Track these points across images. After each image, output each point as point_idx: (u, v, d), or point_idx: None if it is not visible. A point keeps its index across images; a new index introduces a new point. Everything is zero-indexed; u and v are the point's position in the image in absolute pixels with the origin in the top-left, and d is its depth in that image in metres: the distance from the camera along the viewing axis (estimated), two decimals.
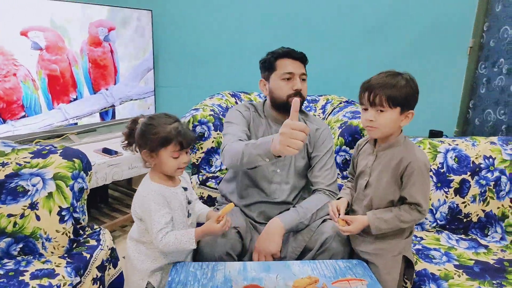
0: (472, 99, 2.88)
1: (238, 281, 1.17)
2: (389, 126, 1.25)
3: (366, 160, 1.36)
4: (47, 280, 1.24)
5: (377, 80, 1.23)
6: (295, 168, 1.57)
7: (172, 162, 1.21)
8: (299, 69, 1.54)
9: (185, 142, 1.20)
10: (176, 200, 1.26)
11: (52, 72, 2.26)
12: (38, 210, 1.35)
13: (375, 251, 1.33)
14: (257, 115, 1.63)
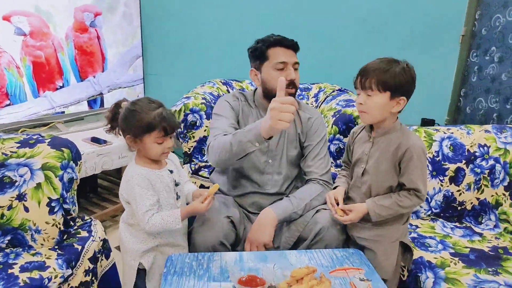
0: (464, 88, 2.89)
1: (235, 272, 1.14)
2: (378, 110, 1.24)
3: (363, 148, 1.34)
4: (38, 273, 1.20)
5: (372, 65, 1.24)
6: (287, 158, 1.55)
7: (156, 148, 1.21)
8: (292, 57, 1.49)
9: (169, 128, 1.20)
10: (161, 183, 1.25)
11: (37, 58, 2.18)
12: (27, 201, 1.30)
13: (374, 237, 1.32)
14: (247, 104, 1.59)
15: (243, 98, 1.61)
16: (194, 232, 1.36)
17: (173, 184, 1.30)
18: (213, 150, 1.39)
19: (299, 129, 1.55)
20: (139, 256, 1.29)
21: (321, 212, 1.42)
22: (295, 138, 1.55)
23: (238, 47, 1.54)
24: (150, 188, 1.22)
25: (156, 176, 1.25)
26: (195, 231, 1.36)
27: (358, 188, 1.36)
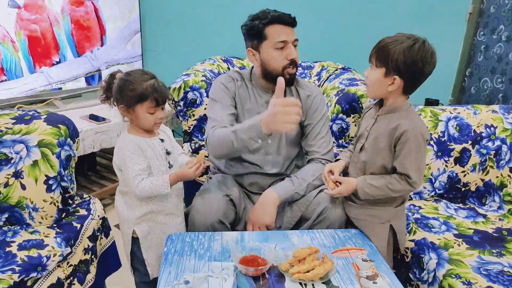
0: (469, 67, 2.84)
1: (236, 252, 1.13)
2: (374, 85, 1.21)
3: (367, 123, 1.31)
4: (36, 251, 1.18)
5: (388, 37, 1.19)
6: (287, 138, 1.51)
7: (149, 118, 1.24)
8: (292, 35, 1.41)
9: (160, 99, 1.22)
10: (152, 150, 1.27)
11: (32, 32, 2.12)
12: (23, 179, 1.27)
13: (364, 217, 1.31)
14: (243, 85, 1.52)
15: (240, 77, 1.54)
16: (193, 210, 1.34)
17: (164, 153, 1.31)
18: (213, 145, 1.37)
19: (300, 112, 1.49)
20: (133, 224, 1.30)
21: (324, 192, 1.40)
22: None
23: (240, 23, 1.46)
24: (140, 154, 1.24)
25: (147, 144, 1.27)
26: (193, 209, 1.34)
27: (354, 163, 1.33)
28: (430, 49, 1.16)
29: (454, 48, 2.86)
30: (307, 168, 1.47)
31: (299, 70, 2.65)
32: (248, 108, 1.49)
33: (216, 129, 1.38)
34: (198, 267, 1.11)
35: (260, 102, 1.49)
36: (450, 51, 2.86)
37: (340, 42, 2.82)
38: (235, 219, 1.43)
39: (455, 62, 2.89)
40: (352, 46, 2.77)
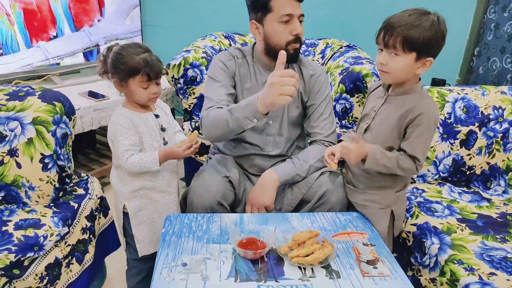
0: (478, 46, 2.75)
1: (235, 234, 1.11)
2: (401, 72, 1.13)
3: (374, 103, 1.26)
4: (33, 231, 1.17)
5: (399, 18, 1.09)
6: (289, 119, 1.47)
7: (142, 92, 1.22)
8: (298, 9, 1.34)
9: (152, 74, 1.20)
10: (145, 125, 1.26)
11: (28, 5, 2.05)
12: (18, 157, 1.24)
13: (364, 202, 1.28)
14: (244, 62, 1.46)
15: (241, 54, 1.48)
16: (191, 192, 1.32)
17: (158, 129, 1.29)
18: (208, 125, 1.33)
19: (301, 87, 1.45)
20: (125, 198, 1.29)
21: (326, 174, 1.37)
22: (297, 97, 1.46)
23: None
24: (131, 129, 1.23)
25: (140, 119, 1.25)
26: (192, 191, 1.32)
27: None
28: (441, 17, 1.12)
29: (463, 26, 2.77)
30: (309, 150, 1.44)
31: (302, 47, 2.58)
32: (248, 87, 1.44)
33: (212, 109, 1.34)
34: (196, 249, 1.09)
35: (261, 81, 1.44)
36: (458, 29, 2.77)
37: (345, 19, 2.73)
38: (234, 201, 1.41)
39: (463, 41, 2.80)
40: (358, 22, 2.69)
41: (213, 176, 1.34)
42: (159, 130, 1.30)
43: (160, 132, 1.30)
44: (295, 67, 1.45)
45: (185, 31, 2.78)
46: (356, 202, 1.30)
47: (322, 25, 2.74)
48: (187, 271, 1.00)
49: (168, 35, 2.81)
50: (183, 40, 2.46)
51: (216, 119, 1.29)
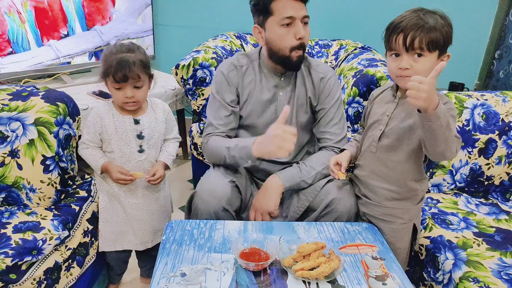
0: (498, 49, 2.65)
1: (238, 243, 1.07)
2: (426, 73, 1.03)
3: (383, 108, 1.20)
4: (31, 234, 1.14)
5: (412, 20, 1.05)
6: (298, 124, 1.41)
7: (116, 94, 1.21)
8: (301, 10, 1.26)
9: (117, 76, 1.16)
10: (115, 128, 1.24)
11: (39, 4, 2.04)
12: (20, 158, 1.22)
13: (383, 216, 1.22)
14: (250, 68, 1.40)
15: (246, 61, 1.41)
16: (196, 196, 1.28)
17: (134, 135, 1.26)
18: (208, 154, 1.39)
19: (310, 91, 1.39)
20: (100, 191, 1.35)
21: (334, 181, 1.31)
22: (305, 102, 1.40)
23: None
24: (96, 126, 1.24)
25: (114, 120, 1.24)
26: (197, 195, 1.28)
27: (372, 153, 1.22)
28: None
29: (483, 28, 2.67)
30: (317, 156, 1.39)
31: (315, 48, 2.52)
32: (254, 93, 1.39)
33: (212, 136, 1.37)
34: (196, 259, 1.05)
35: (267, 86, 1.39)
36: (478, 31, 2.67)
37: (360, 19, 2.66)
38: (240, 206, 1.36)
39: (483, 43, 2.70)
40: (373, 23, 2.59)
41: (219, 180, 1.30)
42: (135, 137, 1.26)
43: (136, 139, 1.26)
44: (303, 70, 1.40)
45: (197, 30, 2.75)
46: (372, 216, 1.24)
47: (336, 25, 2.67)
48: (186, 282, 0.96)
49: (180, 35, 2.78)
50: (195, 39, 2.43)
51: (215, 151, 1.34)
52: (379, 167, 1.20)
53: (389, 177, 1.19)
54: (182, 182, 2.42)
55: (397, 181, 1.19)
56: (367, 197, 1.24)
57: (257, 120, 1.41)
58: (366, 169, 1.24)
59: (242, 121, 1.44)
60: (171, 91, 2.32)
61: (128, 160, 1.28)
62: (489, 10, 2.62)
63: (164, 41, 2.79)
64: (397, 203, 1.20)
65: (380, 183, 1.21)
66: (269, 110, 1.40)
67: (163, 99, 2.26)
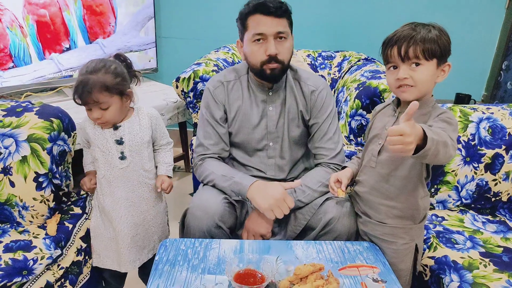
0: (506, 60, 2.60)
1: (232, 265, 1.03)
2: (427, 82, 1.06)
3: (383, 122, 1.17)
4: (22, 254, 1.12)
5: (406, 32, 1.05)
6: (290, 139, 1.38)
7: (87, 113, 1.19)
8: (273, 27, 1.22)
9: (77, 100, 1.16)
10: (95, 135, 1.23)
11: (41, 17, 2.05)
12: (12, 175, 1.20)
13: (384, 236, 1.17)
14: (237, 83, 1.38)
15: (234, 75, 1.39)
16: (188, 213, 1.24)
17: (113, 140, 1.23)
18: (200, 176, 1.37)
19: (301, 105, 1.36)
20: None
21: (332, 199, 1.27)
22: (296, 116, 1.37)
23: None
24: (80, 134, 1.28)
25: (94, 127, 1.24)
26: (189, 212, 1.24)
27: (371, 169, 1.18)
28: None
29: (490, 38, 2.62)
30: (312, 174, 1.34)
31: (318, 60, 2.49)
32: (242, 109, 1.37)
33: (207, 159, 1.37)
34: (189, 280, 1.02)
35: (256, 101, 1.37)
36: (485, 41, 2.63)
37: (364, 30, 2.63)
38: (236, 224, 1.33)
39: (490, 54, 2.65)
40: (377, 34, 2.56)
41: (212, 197, 1.26)
42: (114, 143, 1.23)
43: (116, 145, 1.23)
44: (293, 83, 1.36)
45: (200, 42, 2.74)
46: (373, 235, 1.20)
47: (340, 37, 2.65)
48: None
49: (183, 47, 2.78)
50: (197, 51, 2.42)
51: (206, 175, 1.33)
52: (379, 183, 1.16)
53: (390, 193, 1.15)
54: (184, 196, 2.39)
55: (399, 197, 1.14)
56: (368, 215, 1.20)
57: (248, 136, 1.38)
58: (367, 185, 1.20)
59: (232, 138, 1.41)
60: (173, 104, 2.31)
61: (110, 167, 1.24)
62: (496, 20, 2.58)
63: (167, 53, 2.79)
64: (398, 221, 1.16)
65: (381, 199, 1.17)
66: (260, 126, 1.37)
67: (164, 112, 2.26)
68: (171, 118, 2.32)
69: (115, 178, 1.25)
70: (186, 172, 2.68)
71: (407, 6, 2.56)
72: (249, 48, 1.27)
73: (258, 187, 1.24)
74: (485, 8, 2.54)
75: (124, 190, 1.26)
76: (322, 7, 2.55)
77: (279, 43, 1.25)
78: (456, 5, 2.52)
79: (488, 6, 2.54)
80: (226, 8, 2.66)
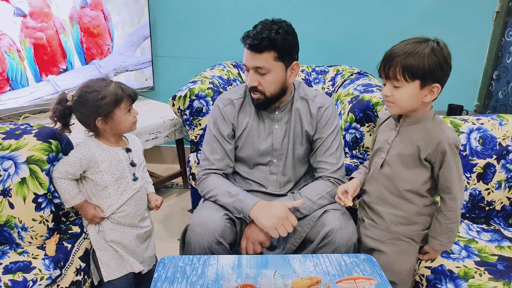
0: (496, 70, 2.65)
1: (231, 280, 1.04)
2: (407, 102, 1.09)
3: (386, 136, 1.21)
4: (21, 275, 1.12)
5: (397, 49, 1.07)
6: (295, 157, 1.42)
7: (128, 118, 1.22)
8: (252, 60, 1.26)
9: (134, 95, 1.22)
10: (110, 161, 1.23)
11: (38, 40, 2.09)
12: (11, 197, 1.21)
13: (389, 241, 1.22)
14: (247, 100, 1.42)
15: (243, 93, 1.43)
16: (189, 230, 1.26)
17: (128, 164, 1.27)
18: (202, 190, 1.40)
19: (306, 124, 1.39)
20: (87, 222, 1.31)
21: (330, 212, 1.29)
22: (301, 134, 1.41)
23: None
24: (82, 162, 1.20)
25: (108, 154, 1.23)
26: (190, 229, 1.26)
27: (375, 180, 1.24)
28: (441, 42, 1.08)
29: (480, 49, 2.68)
30: (313, 186, 1.37)
31: (312, 75, 2.53)
32: (250, 126, 1.41)
33: (209, 175, 1.39)
34: None
35: (263, 119, 1.42)
36: (475, 52, 2.68)
37: (356, 44, 2.68)
38: (236, 239, 1.34)
39: (481, 65, 2.71)
40: (369, 48, 2.64)
41: (212, 213, 1.29)
42: (129, 165, 1.27)
43: (130, 167, 1.27)
44: (300, 102, 1.40)
45: (196, 61, 2.79)
46: (378, 240, 1.24)
47: (333, 52, 2.70)
48: None
49: (179, 65, 2.82)
50: (193, 69, 2.46)
51: (209, 190, 1.35)
52: (384, 193, 1.21)
53: (395, 202, 1.20)
54: (182, 212, 2.40)
55: (403, 206, 1.20)
56: (374, 221, 1.25)
57: (253, 151, 1.41)
58: (372, 195, 1.25)
59: (237, 152, 1.44)
60: (170, 121, 2.33)
61: (124, 190, 1.26)
62: (485, 31, 2.64)
63: (163, 72, 2.83)
64: (404, 228, 1.21)
65: (387, 208, 1.22)
66: (265, 143, 1.40)
67: (162, 129, 2.29)
68: (168, 135, 2.34)
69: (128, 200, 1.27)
70: (184, 188, 2.69)
71: (399, 21, 2.61)
72: (245, 73, 1.35)
73: (261, 207, 1.27)
74: (474, 21, 2.60)
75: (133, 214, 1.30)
76: (315, 23, 2.61)
77: (260, 76, 1.29)
78: (447, 20, 2.58)
79: (477, 20, 2.60)
80: (221, 27, 2.72)
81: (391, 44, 1.13)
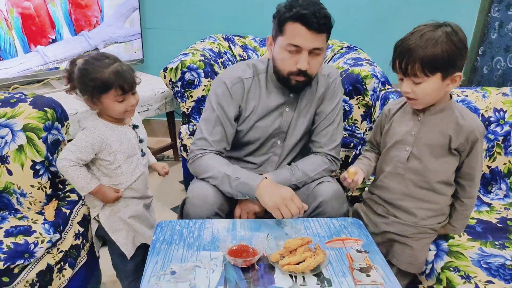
0: (482, 45, 2.71)
1: (226, 241, 1.09)
2: (430, 96, 1.07)
3: (407, 127, 1.16)
4: (23, 238, 1.16)
5: (410, 42, 1.02)
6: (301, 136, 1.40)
7: (118, 107, 1.14)
8: (312, 42, 1.16)
9: (126, 86, 1.12)
10: (119, 142, 1.20)
11: (25, 10, 2.05)
12: (9, 164, 1.24)
13: (415, 235, 1.21)
14: (255, 80, 1.33)
15: (253, 72, 1.34)
16: (188, 203, 1.28)
17: (137, 141, 1.25)
18: (197, 169, 1.32)
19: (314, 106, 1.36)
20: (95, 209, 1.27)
21: (323, 184, 1.32)
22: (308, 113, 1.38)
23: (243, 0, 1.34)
24: (95, 146, 1.15)
25: (117, 134, 1.19)
26: (188, 201, 1.28)
27: (400, 175, 1.19)
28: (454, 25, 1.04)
29: (467, 25, 2.72)
30: (310, 161, 1.38)
31: None
32: (258, 108, 1.35)
33: (206, 154, 1.32)
34: (186, 257, 1.08)
35: (273, 101, 1.35)
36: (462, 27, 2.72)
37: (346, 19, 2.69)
38: (232, 209, 1.37)
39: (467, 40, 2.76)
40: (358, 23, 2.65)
41: (210, 187, 1.30)
42: (137, 142, 1.26)
43: (138, 144, 1.26)
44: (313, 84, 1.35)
45: (185, 33, 2.77)
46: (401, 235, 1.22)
47: None
48: (176, 280, 0.99)
49: (168, 38, 2.80)
50: (183, 42, 2.44)
51: (207, 171, 1.29)
52: (412, 189, 1.18)
53: (427, 196, 1.18)
54: (174, 184, 2.45)
55: (435, 199, 1.18)
56: (398, 218, 1.22)
57: (259, 135, 1.37)
58: (396, 191, 1.21)
59: (241, 136, 1.39)
60: (161, 94, 2.34)
61: (136, 167, 1.26)
62: (472, 6, 2.68)
63: (153, 44, 2.81)
64: (433, 220, 1.20)
65: (417, 204, 1.19)
66: (274, 125, 1.37)
67: (152, 102, 2.30)
68: (159, 108, 2.35)
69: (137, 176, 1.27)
70: (175, 161, 2.73)
71: None
72: (280, 54, 1.22)
73: (266, 186, 1.22)
74: None
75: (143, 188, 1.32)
76: None
77: (312, 58, 1.20)
78: None
79: None
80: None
81: (379, 19, 1.11)
